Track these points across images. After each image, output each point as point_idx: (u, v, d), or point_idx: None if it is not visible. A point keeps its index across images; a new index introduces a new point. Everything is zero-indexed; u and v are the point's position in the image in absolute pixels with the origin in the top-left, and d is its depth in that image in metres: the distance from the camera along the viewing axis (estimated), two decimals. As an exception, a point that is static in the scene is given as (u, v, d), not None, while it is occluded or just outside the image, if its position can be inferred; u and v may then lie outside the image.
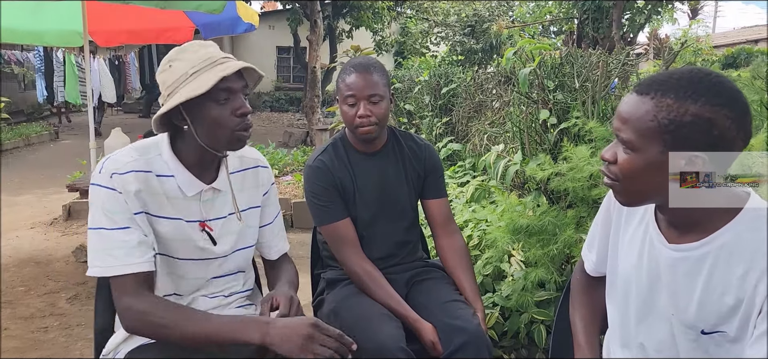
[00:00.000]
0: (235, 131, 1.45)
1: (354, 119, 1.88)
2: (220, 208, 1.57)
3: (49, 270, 4.23)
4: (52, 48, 13.21)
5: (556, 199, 2.71)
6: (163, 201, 1.47)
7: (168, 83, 1.44)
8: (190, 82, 1.40)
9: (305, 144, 10.51)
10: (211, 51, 1.45)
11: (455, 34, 16.00)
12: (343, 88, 1.89)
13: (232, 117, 1.43)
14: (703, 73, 1.09)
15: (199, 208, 1.53)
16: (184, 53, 1.45)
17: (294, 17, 14.70)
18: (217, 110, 1.42)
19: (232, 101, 1.43)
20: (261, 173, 1.70)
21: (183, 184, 1.49)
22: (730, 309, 1.11)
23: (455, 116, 5.48)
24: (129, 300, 1.38)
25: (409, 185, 2.06)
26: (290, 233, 5.39)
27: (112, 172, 1.41)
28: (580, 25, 10.46)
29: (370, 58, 1.95)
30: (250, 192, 1.66)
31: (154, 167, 1.47)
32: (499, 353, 2.39)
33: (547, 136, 3.00)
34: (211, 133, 1.44)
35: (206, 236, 1.54)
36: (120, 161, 1.44)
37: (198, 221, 1.53)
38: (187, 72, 1.41)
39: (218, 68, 1.40)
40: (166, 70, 1.45)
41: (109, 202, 1.40)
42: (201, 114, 1.42)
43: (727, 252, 1.11)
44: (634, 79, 3.47)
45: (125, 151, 1.48)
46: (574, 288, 1.57)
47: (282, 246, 1.79)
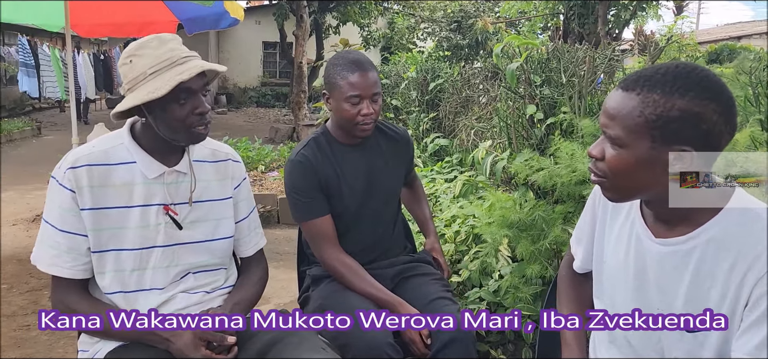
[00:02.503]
0: (192, 128, 1.46)
1: (356, 117, 1.87)
2: (186, 193, 1.57)
3: (32, 267, 4.09)
4: (36, 42, 13.08)
5: (543, 194, 2.71)
6: (121, 192, 1.49)
7: (129, 78, 1.45)
8: (149, 81, 1.41)
9: (291, 140, 10.47)
10: (172, 47, 1.45)
11: (442, 30, 16.01)
12: (346, 87, 1.84)
13: (191, 116, 1.45)
14: (690, 67, 1.09)
15: (163, 191, 1.53)
16: (144, 49, 1.45)
17: (280, 12, 14.62)
18: (177, 109, 1.43)
19: (192, 101, 1.44)
20: (232, 166, 1.69)
21: (144, 167, 1.51)
22: (717, 303, 1.11)
23: (442, 112, 5.48)
24: (55, 297, 1.50)
25: (393, 171, 2.08)
26: (276, 229, 5.37)
27: (67, 167, 1.44)
28: (566, 20, 10.50)
29: (362, 55, 1.93)
30: (221, 183, 1.65)
31: (113, 157, 1.49)
32: (486, 348, 2.39)
33: (534, 131, 3.01)
34: (170, 129, 1.46)
35: (170, 220, 1.54)
36: (78, 153, 1.47)
37: (161, 204, 1.53)
38: (146, 72, 1.42)
39: (176, 70, 1.41)
40: (126, 65, 1.46)
41: (60, 198, 1.44)
42: (161, 112, 1.44)
43: (713, 246, 1.11)
44: (620, 74, 3.48)
45: (88, 144, 1.52)
46: (561, 284, 1.56)
47: (257, 241, 1.78)
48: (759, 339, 1.05)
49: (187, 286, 1.58)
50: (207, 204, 1.61)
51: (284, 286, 3.46)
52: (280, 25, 15.41)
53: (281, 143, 9.27)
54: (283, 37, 15.87)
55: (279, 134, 11.41)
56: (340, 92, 1.86)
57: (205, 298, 1.61)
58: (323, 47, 15.65)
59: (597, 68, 3.11)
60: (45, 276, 3.85)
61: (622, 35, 12.04)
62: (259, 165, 6.88)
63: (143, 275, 1.52)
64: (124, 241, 1.49)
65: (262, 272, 1.77)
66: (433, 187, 3.92)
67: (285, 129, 11.77)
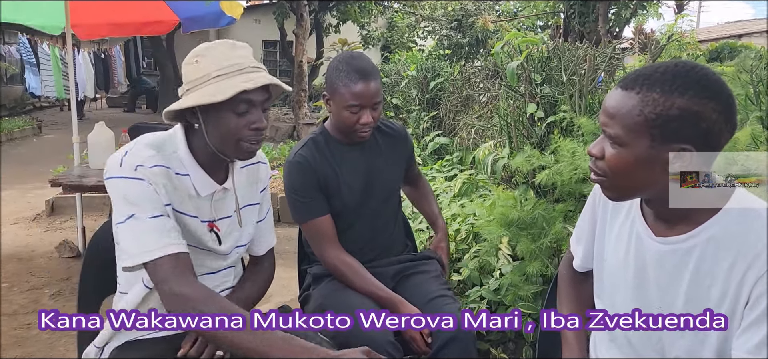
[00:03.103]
0: (244, 143, 1.40)
1: (355, 125, 1.87)
2: (227, 208, 1.56)
3: (32, 266, 4.17)
4: (36, 41, 13.08)
5: (544, 193, 2.71)
6: (183, 197, 1.43)
7: (190, 78, 1.38)
8: (212, 83, 1.34)
9: (292, 138, 10.47)
10: (242, 55, 1.39)
11: (442, 29, 15.98)
12: (347, 96, 1.83)
13: (246, 130, 1.38)
14: (689, 66, 1.09)
15: (210, 208, 1.50)
16: (213, 51, 1.39)
17: (280, 11, 14.59)
18: (234, 120, 1.37)
19: (250, 114, 1.38)
20: (261, 169, 1.68)
21: (198, 183, 1.45)
22: (718, 301, 1.11)
23: (442, 110, 5.48)
24: (171, 286, 1.27)
25: (393, 168, 2.09)
26: (277, 227, 5.33)
27: (137, 165, 1.34)
28: (567, 19, 10.49)
29: (367, 60, 1.91)
30: (251, 189, 1.65)
31: (172, 164, 1.42)
32: (486, 347, 2.40)
33: (534, 129, 3.01)
34: (221, 140, 1.40)
35: (214, 237, 1.53)
36: (141, 155, 1.37)
37: (208, 221, 1.50)
38: (211, 73, 1.35)
39: (242, 78, 1.34)
40: (191, 64, 1.39)
41: (138, 192, 1.33)
42: (216, 119, 1.38)
43: (714, 245, 1.11)
44: (621, 73, 3.48)
45: (141, 147, 1.40)
46: (561, 282, 1.57)
47: (270, 241, 1.78)
48: (759, 338, 1.05)
49: None
50: (242, 212, 1.61)
51: (285, 285, 3.46)
52: (280, 24, 15.39)
53: (281, 142, 9.27)
54: (283, 35, 15.85)
55: (279, 133, 11.40)
56: (341, 98, 1.85)
57: None
58: (323, 46, 15.63)
59: (597, 67, 3.10)
60: (45, 275, 3.92)
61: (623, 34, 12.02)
62: (259, 164, 6.87)
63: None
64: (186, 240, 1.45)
65: (271, 270, 1.78)
66: (433, 186, 3.92)
67: (285, 128, 11.76)
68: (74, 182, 3.60)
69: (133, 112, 16.67)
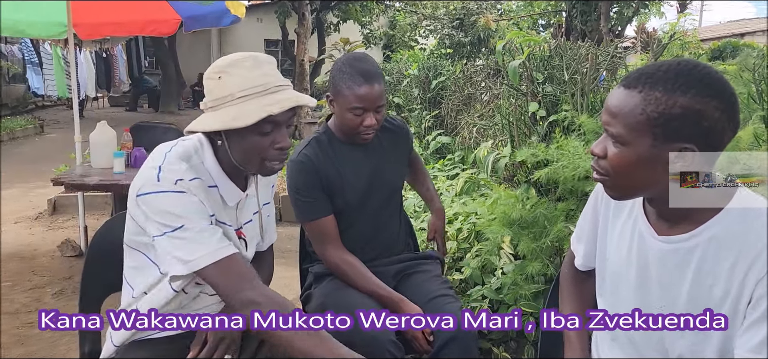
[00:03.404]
0: (268, 163, 1.39)
1: (359, 127, 1.87)
2: (248, 213, 1.57)
3: (35, 264, 4.18)
4: (38, 41, 13.10)
5: (545, 192, 2.71)
6: (218, 208, 1.43)
7: (214, 96, 1.36)
8: (236, 104, 1.32)
9: (293, 137, 10.46)
10: (266, 72, 1.36)
11: (444, 27, 15.96)
12: (351, 98, 1.83)
13: (271, 150, 1.37)
14: (691, 64, 1.09)
15: (235, 216, 1.52)
16: (237, 69, 1.35)
17: (282, 10, 14.60)
18: (257, 140, 1.35)
19: (275, 134, 1.36)
20: None
21: (225, 194, 1.45)
22: (720, 300, 1.11)
23: (444, 109, 5.47)
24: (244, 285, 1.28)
25: (396, 166, 2.09)
26: (279, 226, 5.34)
27: (176, 179, 1.32)
28: (569, 18, 10.48)
29: (371, 62, 1.90)
30: (265, 189, 1.67)
31: (203, 176, 1.40)
32: (488, 346, 2.39)
33: (536, 128, 3.00)
34: (245, 158, 1.39)
35: (243, 244, 1.54)
36: (178, 169, 1.34)
37: (235, 228, 1.52)
38: (235, 93, 1.32)
39: (267, 100, 1.32)
40: (213, 80, 1.36)
41: (185, 204, 1.31)
42: (239, 139, 1.36)
43: (716, 244, 1.11)
44: (623, 72, 3.48)
45: (173, 160, 1.37)
46: (563, 281, 1.57)
47: (272, 237, 1.80)
48: (760, 338, 1.04)
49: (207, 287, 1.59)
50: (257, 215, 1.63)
51: (286, 284, 3.45)
52: (281, 23, 15.40)
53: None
54: (284, 34, 15.86)
55: (281, 132, 11.40)
56: (344, 101, 1.85)
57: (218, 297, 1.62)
58: (325, 44, 15.63)
59: (599, 66, 3.10)
60: (48, 274, 3.92)
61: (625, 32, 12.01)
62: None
63: None
64: None
65: (272, 265, 1.80)
66: (435, 185, 3.92)
67: (287, 127, 11.74)
68: (76, 181, 3.60)
69: (134, 111, 16.68)
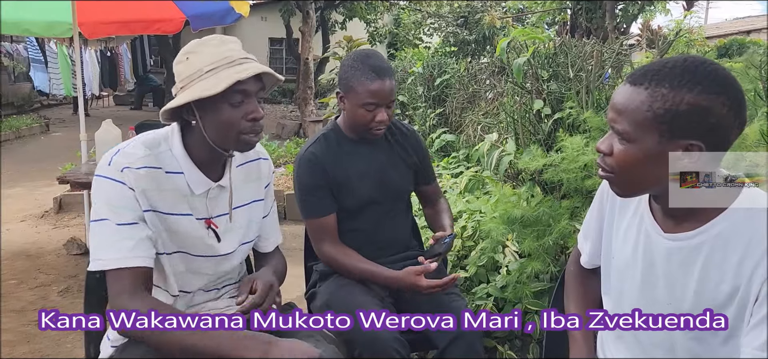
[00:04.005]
0: (244, 135, 1.41)
1: (370, 123, 1.87)
2: (224, 205, 1.56)
3: (41, 262, 4.19)
4: (43, 39, 13.16)
5: (550, 189, 2.70)
6: (174, 197, 1.44)
7: (183, 76, 1.40)
8: (205, 79, 1.35)
9: (298, 136, 10.48)
10: (231, 48, 1.41)
11: (448, 25, 15.97)
12: (364, 94, 1.83)
13: (243, 121, 1.39)
14: (698, 61, 1.08)
15: (205, 205, 1.51)
16: (203, 47, 1.40)
17: (286, 8, 14.64)
18: (229, 111, 1.38)
19: (246, 105, 1.39)
20: (262, 165, 1.68)
21: (192, 182, 1.46)
22: (727, 298, 1.10)
23: (449, 107, 5.47)
24: (124, 300, 1.31)
25: (403, 169, 2.07)
26: (283, 225, 5.36)
27: (124, 166, 1.36)
28: (574, 15, 10.45)
29: (382, 58, 1.90)
30: (253, 186, 1.64)
31: (164, 163, 1.43)
32: (493, 344, 2.39)
33: (541, 126, 2.99)
34: (220, 133, 1.41)
35: (212, 234, 1.53)
36: (132, 155, 1.39)
37: (204, 218, 1.51)
38: (202, 68, 1.36)
39: (234, 69, 1.36)
40: (182, 62, 1.41)
41: (118, 196, 1.36)
42: (212, 113, 1.38)
43: (723, 241, 1.11)
44: (628, 69, 3.46)
45: (135, 145, 1.42)
46: (569, 279, 1.56)
47: (277, 238, 1.78)
48: (764, 338, 1.04)
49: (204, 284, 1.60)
50: (240, 211, 1.60)
51: (291, 281, 3.44)
52: (286, 21, 15.43)
53: (288, 139, 9.28)
54: (289, 33, 15.89)
55: (285, 130, 11.42)
56: (356, 96, 1.85)
57: (217, 294, 1.64)
58: (329, 43, 15.64)
59: (604, 63, 3.09)
60: (54, 272, 3.93)
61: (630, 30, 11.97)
62: (266, 161, 6.88)
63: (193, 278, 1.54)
64: (173, 245, 1.48)
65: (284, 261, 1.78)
66: (439, 182, 3.91)
67: (291, 125, 11.78)
68: (82, 180, 3.61)
69: (139, 109, 16.73)
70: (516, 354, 2.35)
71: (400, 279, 1.81)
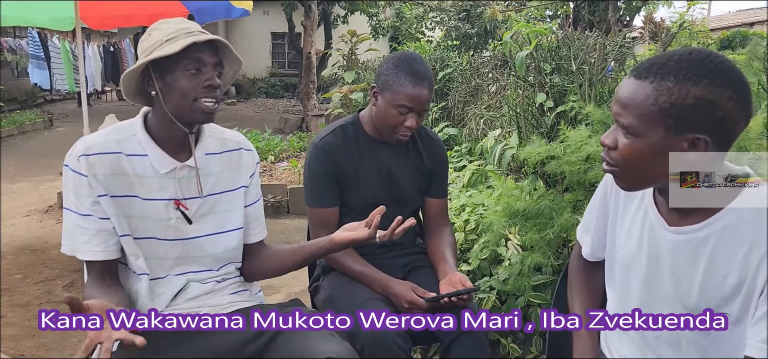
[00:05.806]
0: (200, 102, 1.45)
1: (399, 127, 1.86)
2: (193, 188, 1.56)
3: (45, 257, 4.21)
4: (46, 35, 13.16)
5: (553, 183, 2.70)
6: (133, 182, 1.49)
7: (144, 47, 1.47)
8: (163, 46, 1.42)
9: (301, 130, 10.49)
10: (192, 25, 1.48)
11: (450, 19, 15.92)
12: (401, 96, 1.81)
13: (199, 88, 1.44)
14: (704, 54, 1.08)
15: (174, 186, 1.53)
16: (164, 24, 1.48)
17: (289, 3, 14.60)
18: (186, 79, 1.43)
19: (203, 73, 1.45)
20: (244, 155, 1.68)
21: (156, 161, 1.50)
22: (732, 291, 1.10)
23: (451, 101, 5.45)
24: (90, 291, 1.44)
25: (415, 176, 2.04)
26: (287, 219, 5.39)
27: (80, 154, 1.44)
28: (576, 8, 10.43)
29: (425, 65, 1.87)
30: (233, 174, 1.64)
31: (126, 148, 1.49)
32: (496, 337, 2.39)
33: (543, 119, 2.99)
34: (177, 102, 1.45)
35: (180, 214, 1.54)
36: (91, 141, 1.47)
37: (173, 199, 1.53)
38: (162, 38, 1.44)
39: (191, 37, 1.43)
40: (145, 40, 1.49)
41: (74, 183, 1.45)
42: (170, 81, 1.44)
43: (728, 234, 1.11)
44: (631, 62, 3.45)
45: (100, 132, 1.52)
46: (572, 272, 1.56)
47: (260, 231, 1.75)
48: (765, 333, 1.05)
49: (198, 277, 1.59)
50: (215, 197, 1.60)
51: (294, 275, 3.46)
52: (288, 16, 15.40)
53: (290, 133, 9.29)
54: (291, 27, 15.86)
55: (288, 124, 11.44)
56: (393, 96, 1.83)
57: (216, 287, 1.62)
58: (332, 37, 15.63)
59: (607, 56, 3.08)
60: (58, 266, 3.95)
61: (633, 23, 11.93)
62: (268, 155, 6.90)
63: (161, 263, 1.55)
64: (137, 230, 1.50)
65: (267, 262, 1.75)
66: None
67: (294, 119, 11.80)
68: (85, 175, 3.63)
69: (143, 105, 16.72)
70: (519, 348, 2.36)
71: (397, 295, 1.82)
